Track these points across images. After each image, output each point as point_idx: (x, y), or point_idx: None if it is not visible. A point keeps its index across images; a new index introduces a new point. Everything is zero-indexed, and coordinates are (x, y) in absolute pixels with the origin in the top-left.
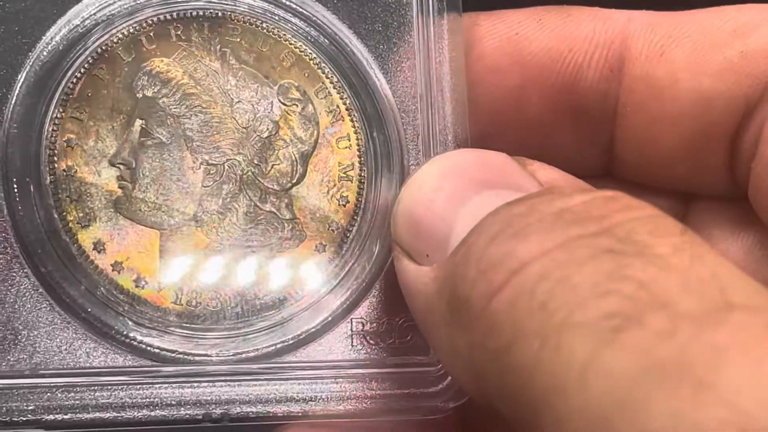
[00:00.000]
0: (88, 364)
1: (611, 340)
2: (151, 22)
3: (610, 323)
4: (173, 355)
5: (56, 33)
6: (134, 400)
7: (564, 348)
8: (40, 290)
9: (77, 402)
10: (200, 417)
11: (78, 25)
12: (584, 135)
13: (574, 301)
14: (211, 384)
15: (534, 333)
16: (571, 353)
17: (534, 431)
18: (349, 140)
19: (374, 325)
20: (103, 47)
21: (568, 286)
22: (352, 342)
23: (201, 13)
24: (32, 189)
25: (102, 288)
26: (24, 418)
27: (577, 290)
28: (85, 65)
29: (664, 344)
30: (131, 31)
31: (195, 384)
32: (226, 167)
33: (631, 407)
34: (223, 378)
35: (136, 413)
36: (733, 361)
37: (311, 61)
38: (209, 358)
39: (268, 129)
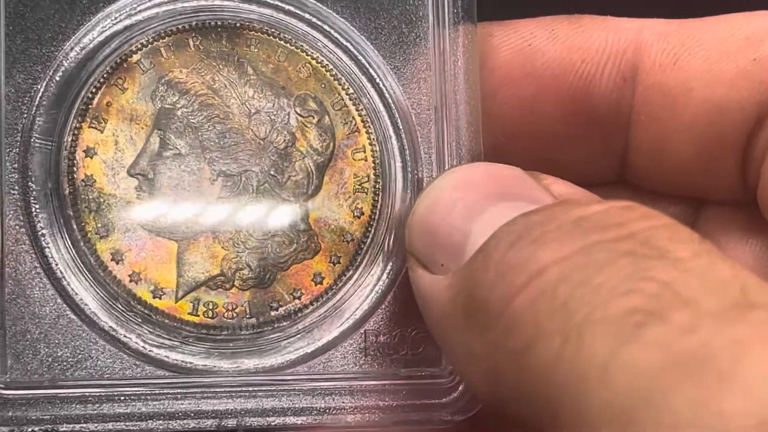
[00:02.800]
0: (105, 375)
1: (634, 335)
2: (169, 32)
3: (632, 319)
4: (190, 366)
5: (76, 43)
6: (151, 411)
7: (586, 344)
8: (58, 301)
9: (94, 413)
10: (214, 429)
11: (97, 36)
12: (597, 144)
13: (595, 300)
14: (226, 395)
15: (555, 331)
16: (593, 349)
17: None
18: (365, 152)
19: (387, 336)
20: (122, 57)
21: (590, 287)
22: (365, 353)
23: (219, 23)
24: (52, 199)
25: (120, 299)
26: (41, 429)
27: (599, 290)
28: (104, 75)
29: (686, 339)
30: (150, 41)
31: (211, 395)
32: (243, 178)
33: (654, 400)
34: (238, 389)
35: (152, 424)
36: (754, 354)
37: (328, 73)
38: (225, 370)
39: (284, 140)
